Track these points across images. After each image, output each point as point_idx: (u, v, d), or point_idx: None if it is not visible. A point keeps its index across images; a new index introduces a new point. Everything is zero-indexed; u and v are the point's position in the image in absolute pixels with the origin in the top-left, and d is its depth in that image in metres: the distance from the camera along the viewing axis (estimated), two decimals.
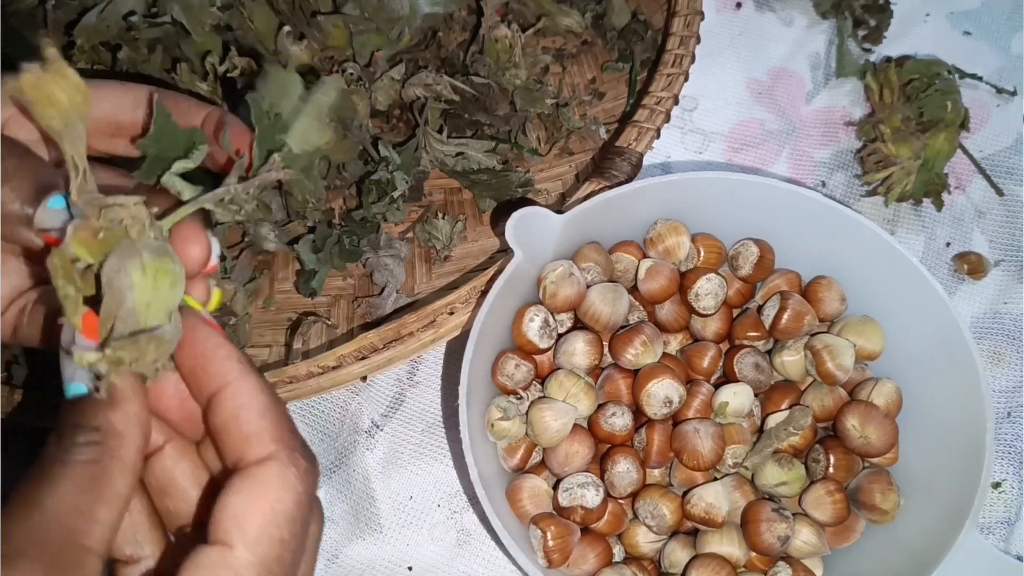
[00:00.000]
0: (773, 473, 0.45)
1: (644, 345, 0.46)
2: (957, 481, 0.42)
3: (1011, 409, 0.52)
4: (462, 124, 0.59)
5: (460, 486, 0.52)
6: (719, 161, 0.61)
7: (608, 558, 0.45)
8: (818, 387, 0.47)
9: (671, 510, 0.44)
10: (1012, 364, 0.53)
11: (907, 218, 0.58)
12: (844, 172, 0.60)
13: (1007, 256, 0.57)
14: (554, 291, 0.46)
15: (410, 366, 0.55)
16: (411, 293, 0.56)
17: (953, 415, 0.44)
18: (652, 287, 0.48)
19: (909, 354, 0.47)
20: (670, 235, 0.48)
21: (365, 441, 0.53)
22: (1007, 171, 0.59)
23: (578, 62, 0.64)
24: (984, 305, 0.55)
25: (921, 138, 0.56)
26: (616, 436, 0.45)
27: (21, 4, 0.53)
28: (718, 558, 0.43)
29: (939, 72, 0.58)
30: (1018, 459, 0.51)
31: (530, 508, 0.44)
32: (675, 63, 0.55)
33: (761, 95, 0.64)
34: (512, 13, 0.62)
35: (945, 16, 0.65)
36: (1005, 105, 0.61)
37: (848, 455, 0.46)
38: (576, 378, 0.46)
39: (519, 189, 0.56)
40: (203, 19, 0.53)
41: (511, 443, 0.46)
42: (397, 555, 0.50)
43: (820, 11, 0.65)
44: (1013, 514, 0.50)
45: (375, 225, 0.56)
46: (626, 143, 0.52)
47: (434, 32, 0.60)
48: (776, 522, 0.43)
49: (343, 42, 0.57)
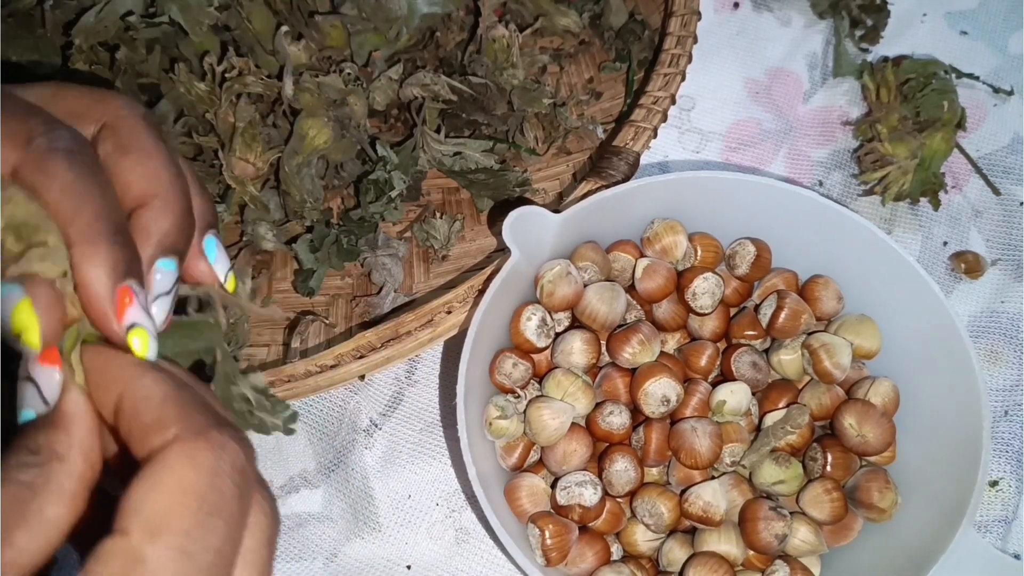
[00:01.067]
0: (771, 472, 0.45)
1: (641, 344, 0.46)
2: (954, 479, 0.42)
3: (1008, 408, 0.52)
4: (460, 124, 0.59)
5: (458, 485, 0.52)
6: (716, 160, 0.62)
7: (606, 556, 0.45)
8: (815, 386, 0.48)
9: (669, 508, 0.44)
10: (1009, 363, 0.54)
11: (904, 217, 0.58)
12: (841, 171, 0.60)
13: (1004, 255, 0.57)
14: (551, 290, 0.46)
15: (408, 365, 0.55)
16: (409, 292, 0.56)
17: (950, 414, 0.44)
18: (649, 286, 0.48)
19: (906, 353, 0.47)
20: (667, 234, 0.48)
21: (363, 440, 0.53)
22: (1004, 170, 0.59)
23: (575, 62, 0.64)
24: (981, 304, 0.55)
25: (918, 137, 0.56)
26: (614, 435, 0.46)
27: (20, 4, 0.53)
28: (716, 556, 0.43)
29: (936, 72, 0.58)
30: (1015, 457, 0.51)
31: (528, 507, 0.44)
32: (672, 63, 0.55)
33: (758, 95, 0.64)
34: (510, 13, 0.62)
35: (942, 16, 0.65)
36: (1002, 105, 0.61)
37: (845, 454, 0.46)
38: (574, 377, 0.46)
39: (517, 188, 0.56)
40: (201, 19, 0.53)
41: (509, 442, 0.46)
42: (396, 554, 0.50)
43: (817, 11, 0.65)
44: (1010, 512, 0.50)
45: (373, 224, 0.56)
46: (623, 142, 0.52)
47: (432, 32, 0.61)
48: (774, 520, 0.43)
49: (341, 42, 0.57)
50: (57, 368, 0.23)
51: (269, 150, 0.54)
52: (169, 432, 0.22)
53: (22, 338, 0.23)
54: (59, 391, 0.23)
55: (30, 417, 0.23)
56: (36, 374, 0.23)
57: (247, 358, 0.55)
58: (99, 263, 0.24)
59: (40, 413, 0.23)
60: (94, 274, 0.24)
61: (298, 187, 0.54)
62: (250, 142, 0.53)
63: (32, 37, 0.53)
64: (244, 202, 0.55)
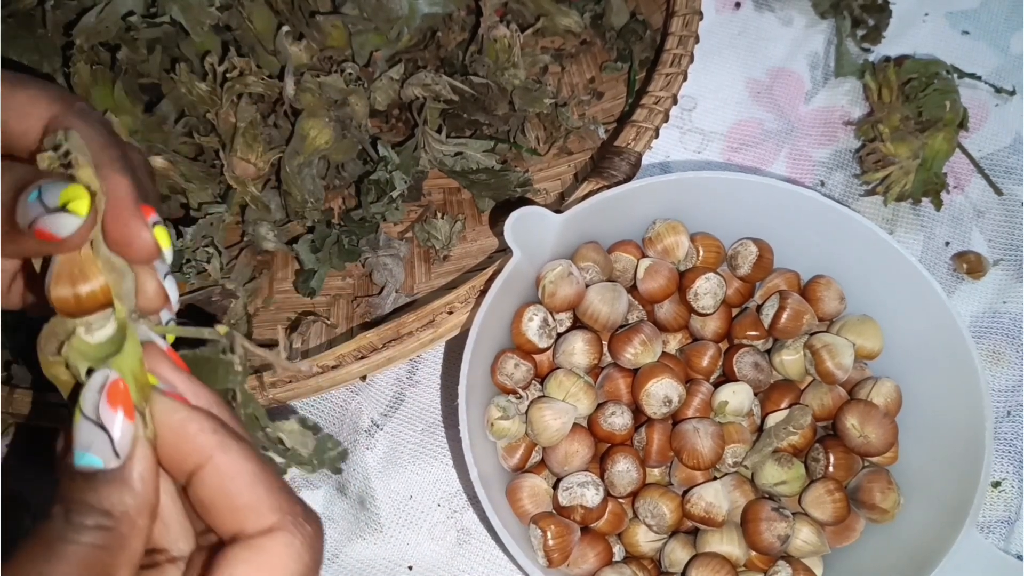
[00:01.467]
0: (773, 472, 0.45)
1: (643, 344, 0.46)
2: (957, 480, 0.42)
3: (1011, 408, 0.52)
4: (461, 124, 0.59)
5: (460, 485, 0.52)
6: (718, 160, 0.61)
7: (608, 557, 0.45)
8: (817, 386, 0.47)
9: (671, 509, 0.44)
10: (1011, 363, 0.53)
11: (906, 217, 0.58)
12: (843, 171, 0.60)
13: (1006, 255, 0.57)
14: (553, 290, 0.46)
15: (409, 365, 0.55)
16: (410, 293, 0.56)
17: (952, 414, 0.44)
18: (651, 286, 0.48)
19: (908, 353, 0.47)
20: (669, 234, 0.48)
21: (365, 440, 0.53)
22: (1006, 170, 0.59)
23: (577, 62, 0.64)
24: (983, 304, 0.55)
25: (920, 137, 0.56)
26: (616, 435, 0.45)
27: (20, 4, 0.53)
28: (718, 557, 0.43)
29: (938, 71, 0.58)
30: (1018, 458, 0.51)
31: (530, 507, 0.44)
32: (674, 63, 0.55)
33: (760, 95, 0.64)
34: (511, 13, 0.62)
35: (944, 16, 0.65)
36: (1004, 105, 0.61)
37: (848, 454, 0.46)
38: (575, 377, 0.46)
39: (518, 189, 0.56)
40: (202, 19, 0.53)
41: (511, 442, 0.46)
42: (397, 554, 0.50)
43: (819, 11, 0.65)
44: (1013, 513, 0.50)
45: (374, 225, 0.56)
46: (625, 143, 0.52)
47: (433, 32, 0.61)
48: (776, 521, 0.43)
49: (342, 42, 0.57)
50: (132, 422, 0.23)
51: (270, 150, 0.54)
52: (267, 520, 0.23)
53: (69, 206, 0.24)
54: (132, 446, 0.23)
55: (94, 464, 0.23)
56: (108, 421, 0.23)
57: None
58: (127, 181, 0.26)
59: (109, 467, 0.23)
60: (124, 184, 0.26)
61: (299, 187, 0.54)
62: (251, 142, 0.53)
63: (32, 37, 0.53)
64: (245, 202, 0.55)
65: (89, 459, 0.23)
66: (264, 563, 0.23)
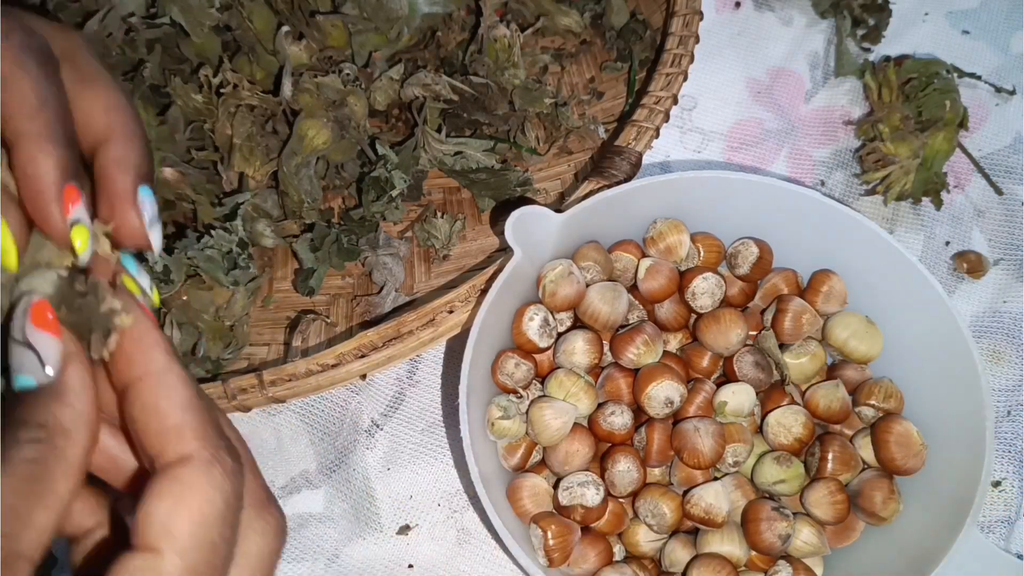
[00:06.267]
0: (771, 471, 0.45)
1: (646, 344, 0.46)
2: (957, 480, 0.42)
3: (1011, 408, 0.52)
4: (461, 124, 0.59)
5: (460, 485, 0.52)
6: (718, 160, 0.61)
7: (609, 557, 0.45)
8: (823, 386, 0.47)
9: (671, 509, 0.44)
10: (1012, 363, 0.53)
11: (906, 217, 0.58)
12: (843, 171, 0.60)
13: (1006, 255, 0.57)
14: (553, 290, 0.46)
15: (410, 365, 0.55)
16: (410, 292, 0.56)
17: (953, 414, 0.44)
18: (652, 286, 0.48)
19: (908, 353, 0.47)
20: (670, 234, 0.48)
21: (365, 440, 0.53)
22: (1006, 170, 0.59)
23: (577, 62, 0.64)
24: (983, 304, 0.55)
25: (920, 137, 0.56)
26: (616, 435, 0.45)
27: None
28: (719, 557, 0.43)
29: (938, 71, 0.58)
30: (1018, 458, 0.51)
31: (530, 507, 0.44)
32: (674, 63, 0.55)
33: (760, 94, 0.64)
34: (511, 13, 0.62)
35: (944, 15, 0.65)
36: (1004, 104, 0.61)
37: (845, 449, 0.46)
38: (576, 377, 0.46)
39: (518, 188, 0.56)
40: (202, 20, 0.53)
41: (511, 442, 0.46)
42: (397, 554, 0.50)
43: (819, 10, 0.65)
44: (1013, 512, 0.50)
45: (374, 224, 0.56)
46: (625, 142, 0.52)
47: (433, 32, 0.60)
48: (776, 521, 0.43)
49: (342, 42, 0.57)
50: (58, 338, 0.23)
51: (269, 161, 0.54)
52: (187, 446, 0.23)
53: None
54: (61, 361, 0.23)
55: (29, 385, 0.23)
56: (35, 340, 0.23)
57: (247, 357, 0.55)
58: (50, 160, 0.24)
59: (42, 383, 0.23)
60: (44, 168, 0.24)
61: (296, 187, 0.54)
62: (248, 156, 0.53)
63: None
64: None
65: (23, 380, 0.23)
66: (184, 493, 0.22)
